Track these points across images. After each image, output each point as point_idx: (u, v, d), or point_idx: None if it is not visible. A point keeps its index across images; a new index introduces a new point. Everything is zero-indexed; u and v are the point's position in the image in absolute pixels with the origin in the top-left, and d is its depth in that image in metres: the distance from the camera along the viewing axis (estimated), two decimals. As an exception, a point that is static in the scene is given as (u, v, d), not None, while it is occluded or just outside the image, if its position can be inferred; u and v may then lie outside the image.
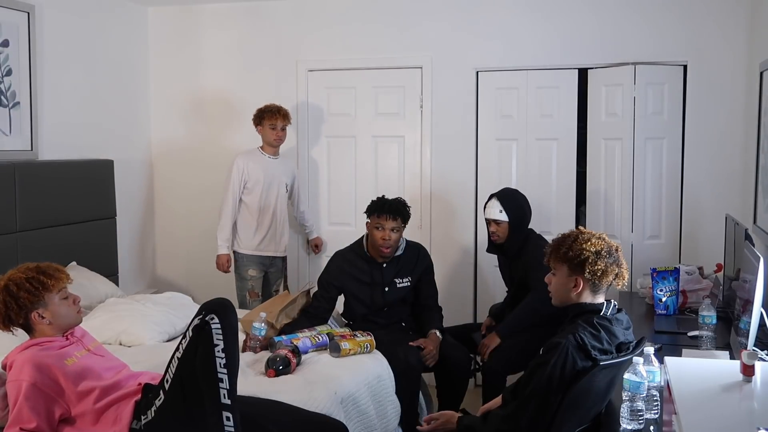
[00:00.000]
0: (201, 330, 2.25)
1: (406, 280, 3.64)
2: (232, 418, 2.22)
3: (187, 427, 2.27)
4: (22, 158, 3.98)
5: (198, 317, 2.28)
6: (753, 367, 2.14)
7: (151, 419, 2.32)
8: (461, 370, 3.50)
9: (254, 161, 4.34)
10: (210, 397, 2.22)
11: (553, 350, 2.20)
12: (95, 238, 4.43)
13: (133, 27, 4.97)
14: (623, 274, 2.36)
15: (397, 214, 3.53)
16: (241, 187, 4.32)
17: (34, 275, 2.41)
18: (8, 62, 3.89)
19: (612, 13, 4.31)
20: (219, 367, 2.22)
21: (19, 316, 2.40)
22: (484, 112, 4.61)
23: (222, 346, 2.23)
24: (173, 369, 2.29)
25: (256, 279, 4.39)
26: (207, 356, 2.22)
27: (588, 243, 2.33)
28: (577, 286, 2.34)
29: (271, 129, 4.30)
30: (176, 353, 2.30)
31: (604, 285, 2.32)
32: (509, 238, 3.60)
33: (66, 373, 2.35)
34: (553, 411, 2.19)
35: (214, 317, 2.26)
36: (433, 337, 3.50)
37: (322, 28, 4.80)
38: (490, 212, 3.62)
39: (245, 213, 4.35)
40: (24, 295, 2.38)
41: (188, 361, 2.26)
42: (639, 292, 3.90)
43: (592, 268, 2.30)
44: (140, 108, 5.08)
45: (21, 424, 2.24)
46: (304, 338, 3.28)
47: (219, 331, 2.24)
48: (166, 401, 2.29)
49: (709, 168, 4.22)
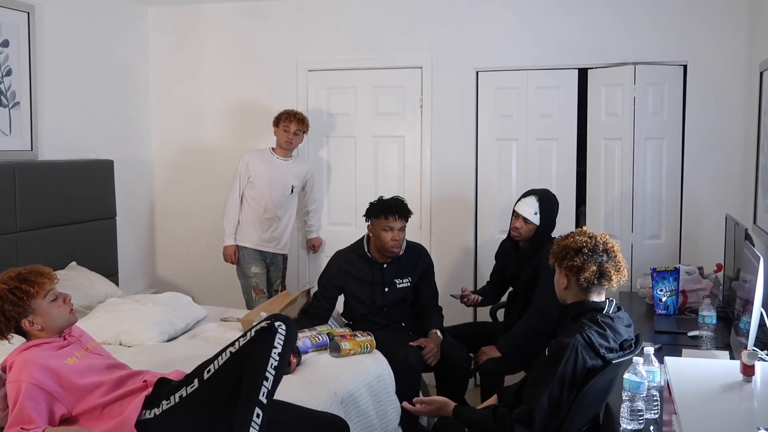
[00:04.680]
0: (266, 332, 2.35)
1: (407, 281, 3.64)
2: (261, 417, 2.26)
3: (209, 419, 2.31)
4: (22, 158, 3.98)
5: (266, 321, 2.38)
6: (753, 367, 2.14)
7: (174, 404, 2.34)
8: (461, 370, 3.50)
9: (261, 159, 4.42)
10: (251, 391, 2.27)
11: (563, 350, 2.20)
12: (95, 238, 4.43)
13: (133, 27, 4.97)
14: (609, 274, 2.33)
15: (405, 214, 3.55)
16: (245, 182, 4.40)
17: (17, 284, 2.37)
18: (8, 62, 3.89)
19: (612, 13, 4.31)
20: (270, 367, 2.30)
21: (9, 328, 2.39)
22: (484, 112, 4.61)
23: (280, 350, 2.33)
24: (221, 361, 2.35)
25: (260, 276, 4.43)
26: (263, 353, 2.31)
27: (571, 239, 2.38)
28: (567, 283, 2.38)
29: (284, 131, 4.37)
30: (230, 348, 2.37)
31: (583, 282, 2.33)
32: (530, 240, 3.57)
33: (67, 372, 2.35)
34: (565, 410, 2.19)
35: (282, 325, 2.37)
36: (434, 336, 3.50)
37: (322, 28, 4.80)
38: (524, 209, 3.53)
39: (248, 208, 4.41)
40: (9, 307, 2.35)
41: (240, 358, 2.33)
42: (639, 292, 3.90)
43: (569, 264, 2.34)
44: (140, 108, 5.08)
45: (22, 424, 2.24)
46: (304, 338, 3.27)
47: (282, 338, 2.35)
48: (200, 390, 2.33)
49: (709, 168, 4.22)
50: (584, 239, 2.36)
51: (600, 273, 2.32)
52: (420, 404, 2.61)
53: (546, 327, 3.33)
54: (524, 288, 3.59)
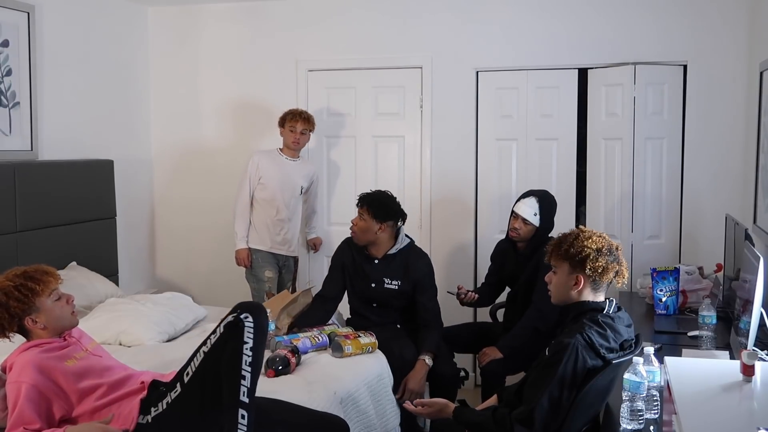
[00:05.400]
0: (234, 327, 2.26)
1: (395, 283, 3.57)
2: (247, 417, 2.22)
3: (199, 421, 2.28)
4: (22, 158, 3.98)
5: (232, 315, 2.30)
6: (753, 367, 2.14)
7: (162, 411, 2.31)
8: (449, 384, 3.48)
9: (271, 160, 4.37)
10: (230, 393, 2.22)
11: (563, 350, 2.20)
12: (95, 238, 4.43)
13: (133, 27, 4.97)
14: (623, 272, 2.38)
15: (368, 205, 3.53)
16: (255, 183, 4.34)
17: (22, 282, 2.37)
18: (8, 62, 3.89)
19: (612, 13, 4.31)
20: (244, 364, 2.23)
21: (12, 325, 2.38)
22: (484, 112, 4.61)
23: (251, 344, 2.25)
24: (197, 362, 2.30)
25: (273, 280, 4.37)
26: (235, 352, 2.24)
27: (589, 240, 2.35)
28: (578, 284, 2.34)
29: (290, 131, 4.31)
30: (202, 347, 2.31)
31: (604, 282, 2.34)
32: (528, 241, 3.57)
33: (67, 374, 2.35)
34: (566, 410, 2.19)
35: (248, 316, 2.27)
36: (419, 367, 3.39)
37: (322, 28, 4.80)
38: (524, 210, 3.53)
39: (259, 210, 4.36)
40: (14, 303, 2.35)
41: (214, 356, 2.27)
42: (639, 292, 3.90)
43: (593, 265, 2.31)
44: (140, 108, 5.08)
45: (23, 425, 2.24)
46: (304, 338, 3.27)
47: (251, 331, 2.26)
48: (183, 394, 2.30)
49: (709, 168, 4.22)
50: (600, 240, 2.36)
51: (616, 273, 2.36)
52: (420, 406, 2.61)
53: (546, 327, 3.34)
54: (523, 289, 3.59)
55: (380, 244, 3.58)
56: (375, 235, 3.54)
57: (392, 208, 3.57)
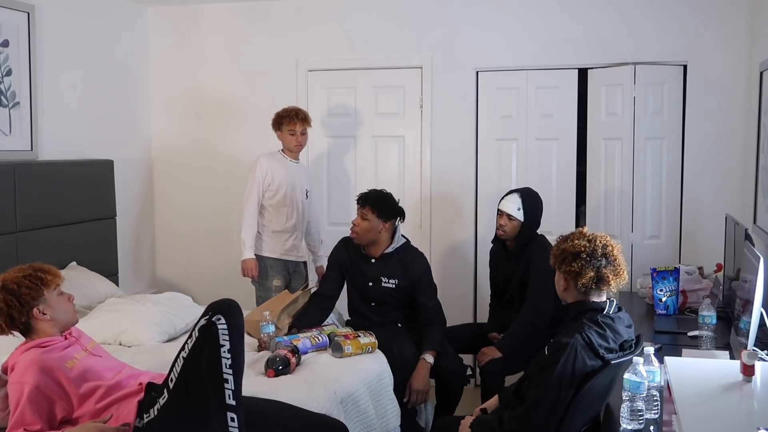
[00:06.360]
0: (207, 330, 2.23)
1: (392, 282, 3.58)
2: (236, 419, 2.21)
3: (190, 427, 2.26)
4: (22, 158, 3.98)
5: (204, 317, 2.27)
6: (753, 367, 2.14)
7: (153, 417, 2.31)
8: (456, 380, 3.51)
9: (277, 162, 4.11)
10: (215, 397, 2.21)
11: (562, 350, 2.20)
12: (95, 238, 4.43)
13: (133, 27, 4.97)
14: (607, 278, 2.32)
15: (369, 203, 3.53)
16: (265, 189, 4.07)
17: (31, 272, 2.43)
18: (8, 62, 3.89)
19: (612, 13, 4.31)
20: (224, 367, 2.21)
21: (21, 314, 2.39)
22: (484, 112, 4.61)
23: (228, 346, 2.22)
24: (178, 368, 2.27)
25: (280, 289, 4.10)
26: (213, 357, 2.21)
27: (572, 243, 2.37)
28: (567, 286, 2.38)
29: (290, 134, 4.07)
30: (181, 353, 2.29)
31: (581, 287, 2.33)
32: (515, 238, 3.60)
33: (68, 375, 2.35)
34: (563, 410, 2.19)
35: (220, 318, 2.24)
36: (421, 366, 3.41)
37: (322, 28, 4.80)
38: (507, 206, 3.58)
39: (268, 216, 4.10)
40: (25, 291, 2.38)
41: (194, 361, 2.25)
42: (639, 292, 3.90)
43: (567, 268, 2.34)
44: (140, 108, 5.08)
45: (24, 425, 2.24)
46: (304, 338, 3.28)
47: (225, 332, 2.23)
48: (170, 400, 2.28)
49: (709, 168, 4.22)
50: (583, 243, 2.34)
51: (598, 278, 2.31)
52: None
53: (543, 323, 3.37)
54: (518, 288, 3.60)
55: (379, 243, 3.59)
56: (378, 234, 3.55)
57: (394, 206, 3.59)
